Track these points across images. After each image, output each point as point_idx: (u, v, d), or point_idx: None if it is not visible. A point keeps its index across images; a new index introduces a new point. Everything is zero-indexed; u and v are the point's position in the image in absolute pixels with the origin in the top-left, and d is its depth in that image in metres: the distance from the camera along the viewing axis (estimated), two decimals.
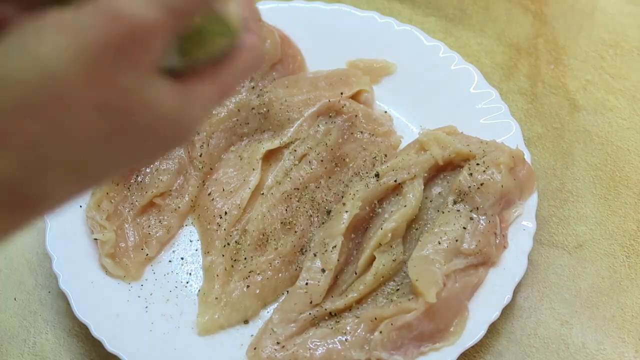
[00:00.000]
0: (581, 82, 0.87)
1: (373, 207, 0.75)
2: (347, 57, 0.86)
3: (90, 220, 0.74)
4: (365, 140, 0.81)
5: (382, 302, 0.70)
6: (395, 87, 0.85)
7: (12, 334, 0.73)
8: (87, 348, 0.72)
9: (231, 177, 0.78)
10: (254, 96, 0.81)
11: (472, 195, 0.73)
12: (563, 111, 0.85)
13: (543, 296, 0.74)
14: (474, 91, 0.82)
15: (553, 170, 0.81)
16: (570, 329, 0.72)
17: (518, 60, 0.89)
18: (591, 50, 0.90)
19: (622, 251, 0.76)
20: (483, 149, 0.76)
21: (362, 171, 0.79)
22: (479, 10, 0.94)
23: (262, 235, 0.75)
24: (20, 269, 0.76)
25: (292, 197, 0.77)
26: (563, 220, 0.78)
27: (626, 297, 0.74)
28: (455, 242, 0.70)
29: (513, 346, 0.71)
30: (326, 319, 0.70)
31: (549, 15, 0.93)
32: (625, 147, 0.83)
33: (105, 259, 0.73)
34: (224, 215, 0.76)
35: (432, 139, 0.77)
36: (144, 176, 0.77)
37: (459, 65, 0.84)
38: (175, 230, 0.77)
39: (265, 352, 0.68)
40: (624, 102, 0.86)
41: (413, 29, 0.86)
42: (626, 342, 0.72)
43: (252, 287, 0.73)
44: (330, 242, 0.72)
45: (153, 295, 0.73)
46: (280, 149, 0.80)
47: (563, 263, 0.76)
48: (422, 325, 0.67)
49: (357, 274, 0.72)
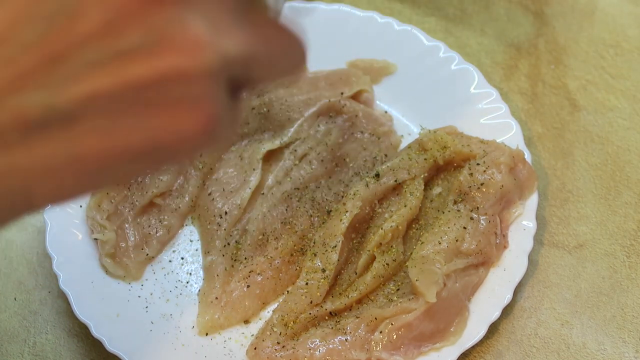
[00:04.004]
0: (581, 82, 0.87)
1: (373, 207, 0.75)
2: (347, 57, 0.86)
3: (91, 220, 0.74)
4: (366, 140, 0.81)
5: (382, 302, 0.70)
6: (395, 87, 0.85)
7: (12, 334, 0.73)
8: (87, 348, 0.72)
9: (231, 177, 0.78)
10: (254, 96, 0.81)
11: (472, 195, 0.73)
12: (563, 111, 0.85)
13: (543, 296, 0.74)
14: (474, 91, 0.82)
15: (553, 170, 0.81)
16: (570, 329, 0.72)
17: (518, 60, 0.89)
18: (592, 50, 0.90)
19: (622, 251, 0.76)
20: (483, 148, 0.76)
21: (362, 171, 0.79)
22: (479, 10, 0.94)
23: (262, 235, 0.75)
24: (20, 269, 0.76)
25: (292, 197, 0.77)
26: (563, 220, 0.78)
27: (627, 297, 0.74)
28: (455, 242, 0.70)
29: (513, 346, 0.71)
30: (326, 319, 0.70)
31: (549, 15, 0.93)
32: (626, 147, 0.83)
33: (105, 259, 0.73)
34: (224, 215, 0.76)
35: (432, 139, 0.77)
36: (144, 176, 0.77)
37: (459, 65, 0.84)
38: (176, 230, 0.77)
39: (266, 352, 0.68)
40: (625, 102, 0.86)
41: (413, 29, 0.86)
42: (627, 342, 0.72)
43: (253, 287, 0.73)
44: (331, 242, 0.72)
45: (153, 295, 0.73)
46: (281, 149, 0.80)
47: (563, 263, 0.76)
48: (423, 325, 0.67)
49: (357, 274, 0.72)
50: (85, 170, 0.34)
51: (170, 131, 0.34)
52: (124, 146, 0.34)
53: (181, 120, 0.34)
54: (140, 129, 0.33)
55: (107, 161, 0.34)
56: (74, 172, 0.33)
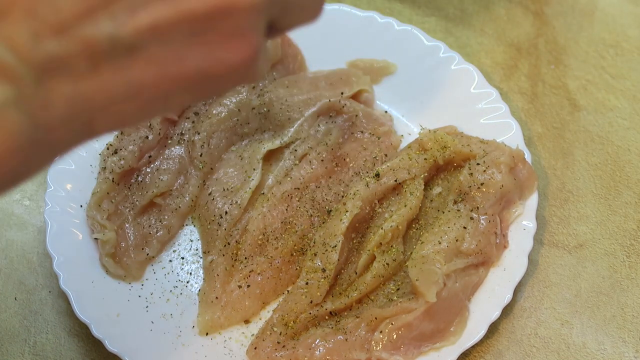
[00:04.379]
0: (581, 82, 0.87)
1: (373, 207, 0.75)
2: (347, 57, 0.86)
3: (91, 220, 0.74)
4: (366, 140, 0.81)
5: (382, 302, 0.70)
6: (395, 87, 0.85)
7: (12, 334, 0.73)
8: (88, 348, 0.72)
9: (232, 177, 0.78)
10: (255, 96, 0.81)
11: (472, 195, 0.73)
12: (563, 111, 0.86)
13: (543, 296, 0.74)
14: (474, 91, 0.82)
15: (553, 170, 0.81)
16: (570, 328, 0.72)
17: (518, 60, 0.89)
18: (591, 50, 0.90)
19: (622, 251, 0.76)
20: (483, 148, 0.76)
21: (362, 171, 0.79)
22: (479, 10, 0.94)
23: (263, 235, 0.75)
24: (21, 269, 0.77)
25: (292, 196, 0.77)
26: (563, 220, 0.78)
27: (626, 297, 0.74)
28: (455, 241, 0.70)
29: (513, 346, 0.71)
30: (326, 318, 0.70)
31: (549, 15, 0.93)
32: (626, 146, 0.83)
33: (106, 259, 0.73)
34: (224, 214, 0.76)
35: (432, 138, 0.77)
36: (145, 176, 0.78)
37: (459, 65, 0.84)
38: (176, 229, 0.77)
39: (266, 352, 0.68)
40: (625, 102, 0.86)
41: (413, 28, 0.86)
42: (626, 342, 0.72)
43: (253, 287, 0.73)
44: (331, 241, 0.72)
45: (153, 295, 0.73)
46: (281, 149, 0.80)
47: (563, 263, 0.76)
48: (423, 325, 0.67)
49: (357, 273, 0.72)
50: (144, 98, 0.37)
51: (220, 60, 0.37)
52: (179, 75, 0.37)
53: (231, 50, 0.37)
54: (194, 59, 0.36)
55: (164, 89, 0.37)
56: (135, 100, 0.36)
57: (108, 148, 0.78)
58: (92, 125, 0.37)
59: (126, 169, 0.76)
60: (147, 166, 0.78)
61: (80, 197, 0.76)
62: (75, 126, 0.36)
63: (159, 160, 0.78)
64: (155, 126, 0.78)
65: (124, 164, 0.76)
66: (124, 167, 0.76)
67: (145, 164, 0.78)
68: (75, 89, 0.35)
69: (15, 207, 0.80)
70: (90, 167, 0.77)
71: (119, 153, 0.77)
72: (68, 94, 0.35)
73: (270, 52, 0.41)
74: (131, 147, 0.77)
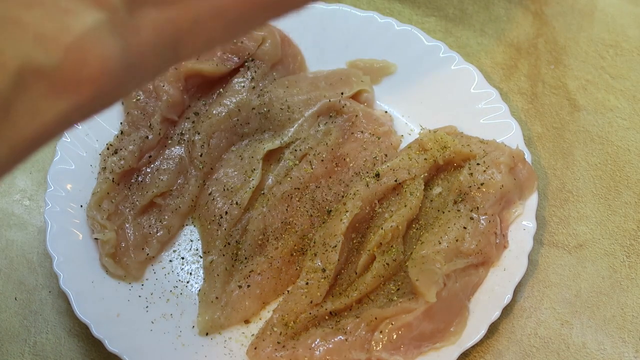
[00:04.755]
0: (581, 82, 0.88)
1: (373, 207, 0.75)
2: (347, 57, 0.86)
3: (91, 220, 0.74)
4: (366, 140, 0.81)
5: (382, 302, 0.70)
6: (395, 87, 0.85)
7: (12, 334, 0.73)
8: (88, 348, 0.72)
9: (232, 177, 0.78)
10: (255, 96, 0.81)
11: (472, 195, 0.73)
12: (563, 111, 0.86)
13: (543, 296, 0.74)
14: (474, 91, 0.82)
15: (553, 170, 0.82)
16: (570, 328, 0.72)
17: (518, 60, 0.90)
18: (591, 50, 0.90)
19: (622, 251, 0.76)
20: (483, 148, 0.76)
21: (362, 171, 0.79)
22: (479, 10, 0.94)
23: (263, 235, 0.75)
24: (21, 269, 0.77)
25: (292, 196, 0.77)
26: (563, 220, 0.78)
27: (626, 297, 0.74)
28: (455, 242, 0.70)
29: (513, 346, 0.72)
30: (326, 318, 0.70)
31: (549, 15, 0.93)
32: (626, 147, 0.83)
33: (106, 259, 0.73)
34: (224, 214, 0.76)
35: (432, 139, 0.77)
36: (145, 176, 0.78)
37: (459, 65, 0.84)
38: (176, 230, 0.77)
39: (266, 352, 0.68)
40: (624, 102, 0.86)
41: (413, 29, 0.86)
42: (626, 342, 0.72)
43: (253, 287, 0.73)
44: (331, 241, 0.72)
45: (153, 295, 0.73)
46: (281, 149, 0.80)
47: (563, 263, 0.76)
48: (423, 325, 0.68)
49: (357, 273, 0.72)
50: (227, 20, 0.40)
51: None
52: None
53: None
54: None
55: (245, 10, 0.40)
56: (218, 20, 0.40)
57: (108, 148, 0.78)
58: (177, 50, 0.39)
59: (126, 169, 0.76)
60: (147, 166, 0.78)
61: (80, 197, 0.76)
62: (163, 50, 0.39)
63: (159, 160, 0.78)
64: (155, 126, 0.78)
65: (124, 164, 0.76)
66: (124, 167, 0.76)
67: (145, 164, 0.78)
68: (163, 15, 0.38)
69: (15, 207, 0.80)
70: (90, 167, 0.77)
71: (119, 153, 0.77)
72: (156, 19, 0.38)
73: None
74: (131, 147, 0.77)
